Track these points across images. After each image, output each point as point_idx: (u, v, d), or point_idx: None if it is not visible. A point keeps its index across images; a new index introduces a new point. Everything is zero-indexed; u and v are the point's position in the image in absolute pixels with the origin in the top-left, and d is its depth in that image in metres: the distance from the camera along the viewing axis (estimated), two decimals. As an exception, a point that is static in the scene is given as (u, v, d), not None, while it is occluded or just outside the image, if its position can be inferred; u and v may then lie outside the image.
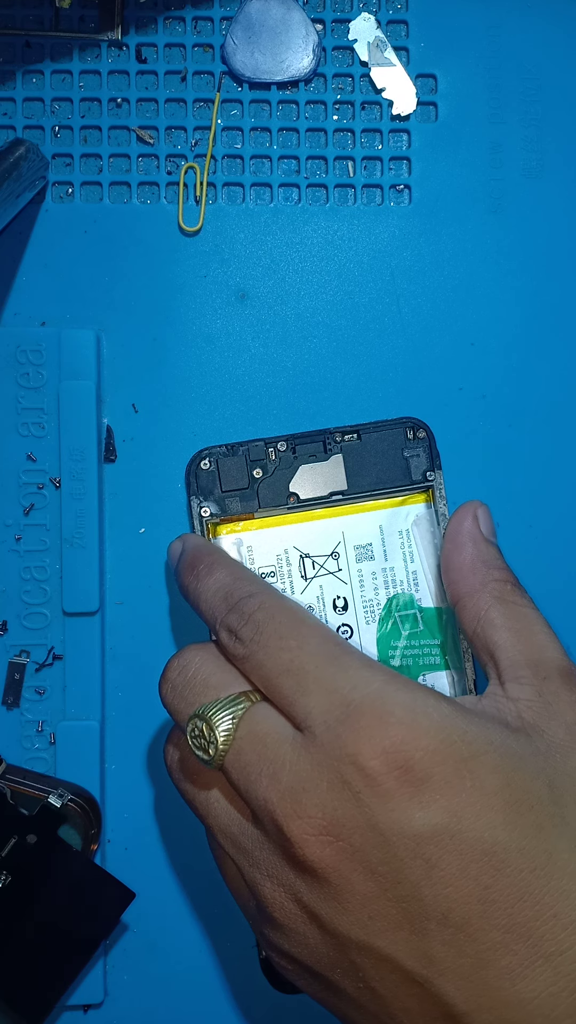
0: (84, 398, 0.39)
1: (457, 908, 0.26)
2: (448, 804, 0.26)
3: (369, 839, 0.26)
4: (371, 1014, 0.28)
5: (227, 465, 0.37)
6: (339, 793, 0.27)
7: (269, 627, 0.30)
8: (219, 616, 0.31)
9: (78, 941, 0.36)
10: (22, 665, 0.39)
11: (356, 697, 0.28)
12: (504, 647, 0.31)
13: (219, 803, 0.31)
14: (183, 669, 0.31)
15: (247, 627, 0.30)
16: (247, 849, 0.29)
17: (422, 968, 0.26)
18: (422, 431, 0.37)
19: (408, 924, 0.26)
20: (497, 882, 0.26)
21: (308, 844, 0.27)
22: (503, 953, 0.25)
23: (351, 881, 0.27)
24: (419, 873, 0.26)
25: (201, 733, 0.29)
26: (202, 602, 0.33)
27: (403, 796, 0.26)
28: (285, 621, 0.30)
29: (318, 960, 0.28)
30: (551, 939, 0.25)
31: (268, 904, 0.28)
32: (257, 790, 0.28)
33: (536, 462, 0.40)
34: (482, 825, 0.26)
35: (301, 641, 0.29)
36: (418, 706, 0.27)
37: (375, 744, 0.27)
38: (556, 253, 0.40)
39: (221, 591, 0.32)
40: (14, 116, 0.40)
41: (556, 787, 0.27)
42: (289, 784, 0.27)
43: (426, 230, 0.40)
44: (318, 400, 0.40)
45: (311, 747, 0.28)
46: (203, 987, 0.39)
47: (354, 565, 0.37)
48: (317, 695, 0.28)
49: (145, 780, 0.39)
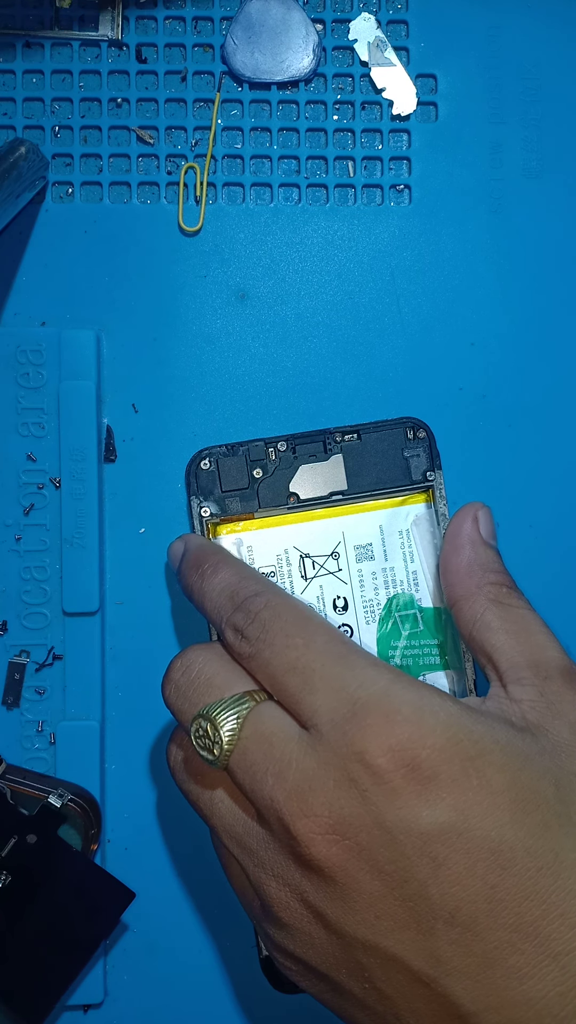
0: (84, 398, 0.39)
1: (464, 907, 0.26)
2: (455, 802, 0.26)
3: (376, 837, 0.26)
4: (377, 1015, 0.27)
5: (227, 465, 0.37)
6: (346, 791, 0.27)
7: (275, 625, 0.30)
8: (225, 615, 0.31)
9: (78, 941, 0.36)
10: (22, 665, 0.39)
11: (363, 695, 0.28)
12: (502, 649, 0.31)
13: (223, 803, 0.30)
14: (186, 669, 0.31)
15: (253, 626, 0.30)
16: (252, 849, 0.29)
17: (429, 968, 0.26)
18: (422, 431, 0.37)
19: (415, 923, 0.26)
20: (504, 881, 0.26)
21: (315, 843, 0.27)
22: (510, 952, 0.25)
23: (358, 880, 0.26)
24: (426, 872, 0.26)
25: (205, 733, 0.29)
26: (207, 601, 0.33)
27: (410, 794, 0.26)
28: (291, 620, 0.30)
29: (324, 960, 0.28)
30: (558, 938, 0.25)
31: (273, 904, 0.28)
32: (263, 789, 0.28)
33: (536, 462, 0.40)
34: (489, 824, 0.26)
35: (307, 639, 0.29)
36: (425, 705, 0.27)
37: (382, 742, 0.27)
38: (556, 253, 0.40)
39: (227, 590, 0.32)
40: (14, 116, 0.40)
41: (563, 786, 0.27)
42: (296, 783, 0.27)
43: (426, 230, 0.40)
44: (318, 400, 0.40)
45: (318, 745, 0.28)
46: (203, 987, 0.39)
47: (354, 565, 0.37)
48: (323, 693, 0.28)
49: (145, 780, 0.39)
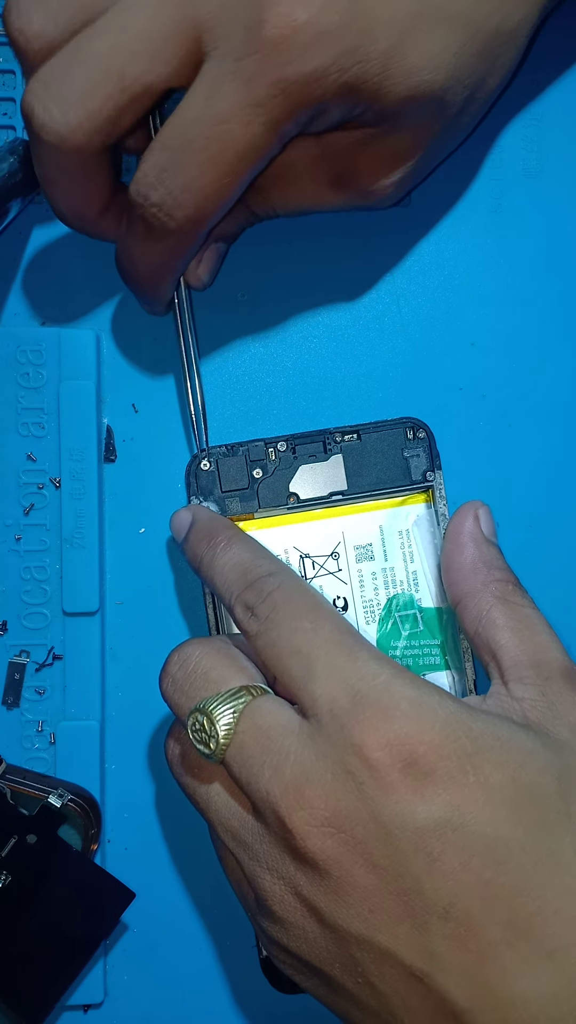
0: (84, 398, 0.39)
1: (459, 903, 0.26)
2: (451, 798, 0.26)
3: (371, 832, 0.26)
4: (371, 1011, 0.27)
5: (227, 465, 0.37)
6: (343, 784, 0.27)
7: (286, 607, 0.30)
8: (236, 591, 0.31)
9: (78, 941, 0.36)
10: (22, 665, 0.39)
11: (364, 688, 0.28)
12: (506, 647, 0.31)
13: (220, 797, 0.30)
14: (183, 663, 0.31)
15: (264, 605, 0.30)
16: (247, 842, 0.29)
17: (423, 963, 0.26)
18: (422, 431, 0.37)
19: (409, 918, 0.26)
20: (499, 877, 0.26)
21: (310, 836, 0.27)
22: (505, 949, 0.25)
23: (352, 874, 0.26)
24: (421, 867, 0.26)
25: (202, 727, 0.29)
26: (217, 575, 0.33)
27: (406, 789, 0.26)
28: (302, 603, 0.30)
29: (317, 955, 0.28)
30: (553, 935, 0.25)
31: (267, 897, 0.28)
32: (259, 783, 0.28)
33: (536, 462, 0.40)
34: (485, 819, 0.26)
35: (316, 625, 0.29)
36: (424, 701, 0.27)
37: (380, 736, 0.27)
38: (556, 253, 0.40)
39: (239, 566, 0.32)
40: (14, 116, 0.40)
41: (563, 783, 0.27)
42: (292, 776, 0.27)
43: (426, 230, 0.40)
44: (318, 400, 0.40)
45: (316, 736, 0.28)
46: (203, 987, 0.39)
47: (354, 565, 0.37)
48: (325, 681, 0.28)
49: (145, 780, 0.39)
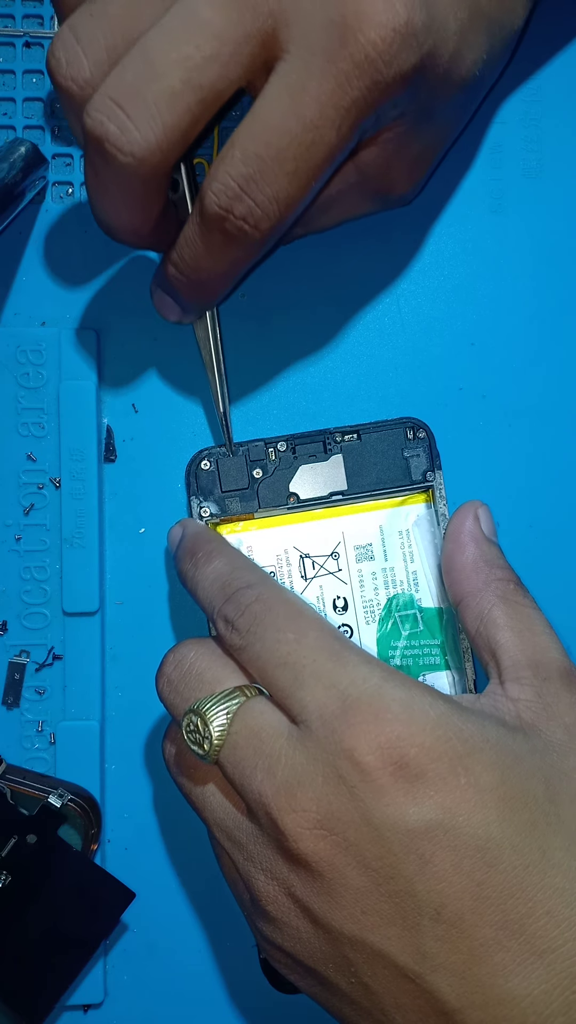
0: (84, 398, 0.39)
1: (450, 904, 0.26)
2: (442, 800, 0.26)
3: (363, 833, 0.26)
4: (364, 1010, 0.28)
5: (227, 465, 0.37)
6: (334, 787, 0.27)
7: (267, 619, 0.30)
8: (216, 605, 0.31)
9: (78, 941, 0.36)
10: (22, 665, 0.39)
11: (353, 692, 0.28)
12: (506, 647, 0.31)
13: (214, 797, 0.31)
14: (179, 664, 0.31)
15: (244, 618, 0.30)
16: (241, 843, 0.29)
17: (415, 964, 0.26)
18: (422, 431, 0.37)
19: (401, 919, 0.26)
20: (490, 878, 0.26)
21: (302, 837, 0.27)
22: (496, 950, 0.25)
23: (344, 875, 0.27)
24: (413, 868, 0.26)
25: (196, 728, 0.29)
26: (200, 590, 0.33)
27: (397, 791, 0.26)
28: (283, 613, 0.30)
29: (311, 955, 0.28)
30: (543, 936, 0.25)
31: (261, 897, 0.28)
32: (252, 784, 0.28)
33: (536, 462, 0.40)
34: (476, 821, 0.26)
35: (299, 634, 0.29)
36: (415, 703, 0.27)
37: (371, 739, 0.27)
38: (556, 253, 0.40)
39: (218, 580, 0.32)
40: (14, 116, 0.40)
41: (552, 785, 0.27)
42: (284, 778, 0.27)
43: (426, 230, 0.40)
44: (318, 400, 0.40)
45: (307, 741, 0.28)
46: (203, 987, 0.39)
47: (354, 565, 0.37)
48: (314, 689, 0.28)
49: (145, 780, 0.39)
